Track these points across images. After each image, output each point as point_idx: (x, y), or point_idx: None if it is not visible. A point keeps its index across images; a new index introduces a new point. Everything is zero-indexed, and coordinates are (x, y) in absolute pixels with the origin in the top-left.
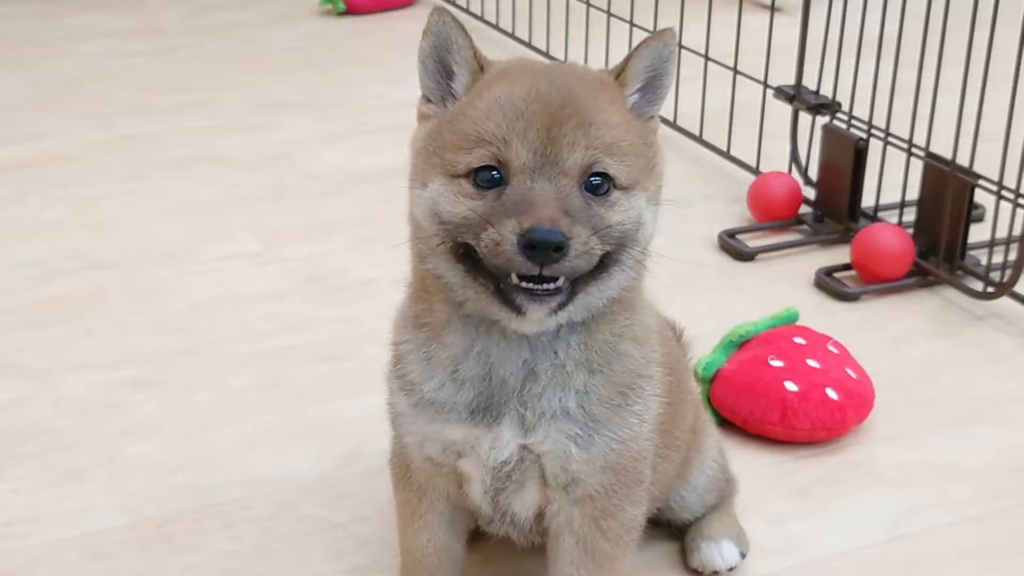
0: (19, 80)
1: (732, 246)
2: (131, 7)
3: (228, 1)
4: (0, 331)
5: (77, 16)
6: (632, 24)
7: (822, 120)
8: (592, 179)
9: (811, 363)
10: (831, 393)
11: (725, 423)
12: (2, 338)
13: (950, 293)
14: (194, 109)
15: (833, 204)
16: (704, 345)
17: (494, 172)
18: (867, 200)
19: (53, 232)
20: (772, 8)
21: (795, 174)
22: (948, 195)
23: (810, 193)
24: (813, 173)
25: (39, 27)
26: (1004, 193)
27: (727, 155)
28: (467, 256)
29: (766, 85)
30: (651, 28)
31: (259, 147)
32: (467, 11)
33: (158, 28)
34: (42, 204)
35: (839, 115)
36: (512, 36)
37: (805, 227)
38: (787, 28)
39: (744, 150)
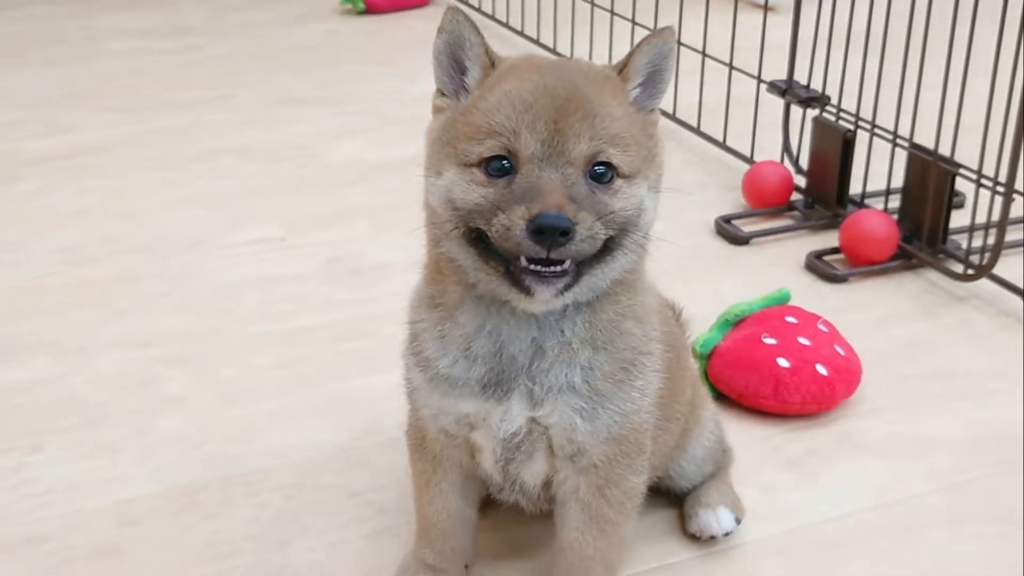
0: (53, 76)
1: (728, 231)
2: (158, 7)
3: (251, 1)
4: (37, 312)
5: (107, 16)
6: (634, 22)
7: (812, 113)
8: (596, 168)
9: (802, 341)
10: (821, 369)
11: (721, 397)
12: (39, 319)
13: (933, 275)
14: (219, 103)
15: (823, 191)
16: (702, 324)
17: (504, 161)
18: (855, 188)
19: (86, 219)
20: (765, 7)
21: (787, 163)
22: (931, 183)
23: (801, 181)
24: (804, 162)
25: (72, 26)
26: (983, 181)
27: (723, 145)
28: (479, 240)
29: (760, 80)
30: (652, 26)
31: (281, 139)
32: (479, 10)
33: (184, 27)
34: (76, 193)
35: (828, 108)
36: (521, 34)
37: (796, 213)
38: (779, 26)
39: (739, 141)
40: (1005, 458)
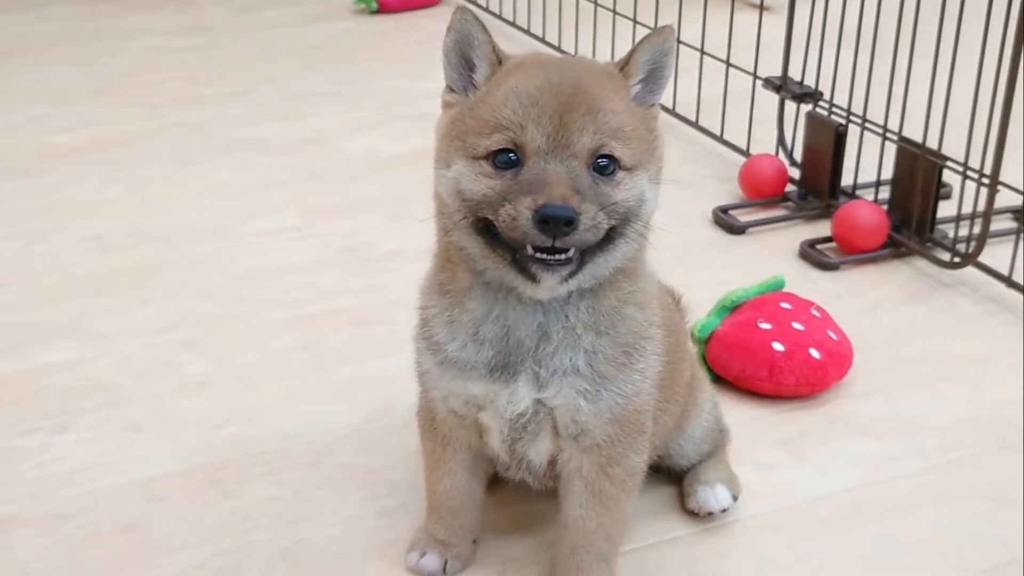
0: (80, 73)
1: (725, 221)
2: (180, 7)
3: (269, 1)
4: (65, 299)
5: (132, 15)
6: (635, 21)
7: (806, 107)
8: (599, 160)
9: (796, 326)
10: (814, 353)
11: (719, 379)
12: (67, 305)
13: (921, 263)
14: (237, 99)
15: (816, 183)
16: (700, 309)
17: (511, 154)
18: (846, 179)
19: (111, 210)
20: (761, 7)
21: (781, 156)
22: (919, 175)
23: (795, 173)
24: (798, 155)
25: (98, 25)
26: (969, 173)
27: (720, 139)
28: (487, 230)
29: (755, 76)
30: (652, 25)
31: (297, 133)
32: (487, 10)
33: (204, 26)
34: (101, 185)
35: (821, 103)
36: (527, 32)
37: (790, 204)
38: (774, 25)
39: (736, 134)
40: (990, 438)
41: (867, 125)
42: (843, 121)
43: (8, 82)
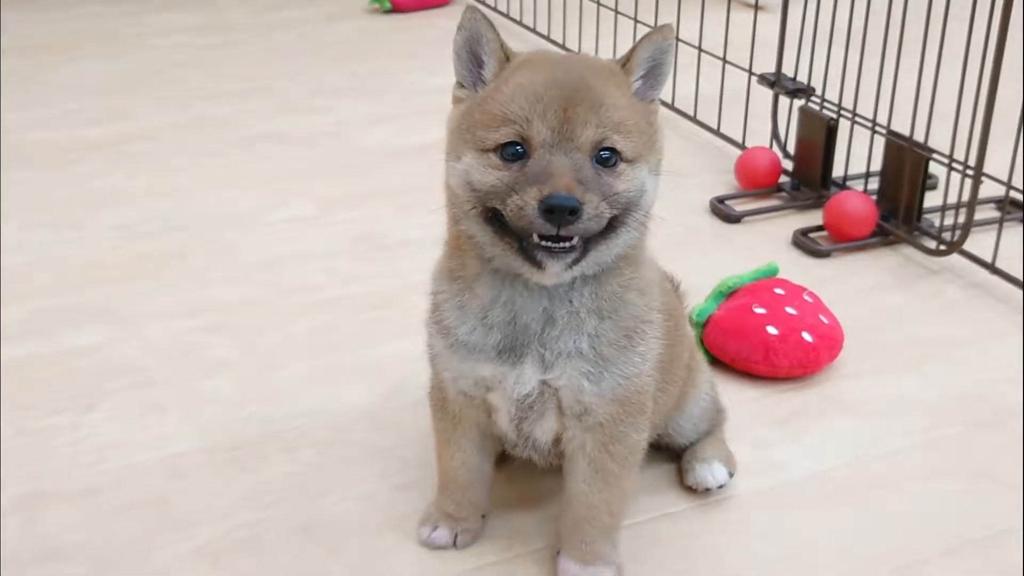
0: (109, 69)
1: (721, 210)
2: (203, 6)
3: (288, 1)
4: (94, 283)
5: (157, 14)
6: (636, 20)
7: (798, 102)
8: (602, 153)
9: (789, 310)
10: (806, 336)
11: (716, 362)
12: (95, 290)
13: (908, 251)
14: (258, 94)
15: (808, 174)
16: (698, 295)
17: (518, 147)
18: (837, 171)
19: (138, 199)
20: (756, 6)
21: (775, 149)
22: (906, 166)
23: (788, 165)
24: (791, 148)
25: (125, 24)
26: (954, 165)
27: (717, 132)
28: (495, 219)
29: (751, 72)
30: (652, 23)
31: (315, 126)
32: (495, 9)
33: (226, 24)
34: (129, 175)
35: (813, 98)
36: (533, 31)
37: (784, 194)
38: (769, 23)
39: (732, 128)
40: (974, 417)
41: (857, 119)
42: (834, 115)
43: (42, 78)
